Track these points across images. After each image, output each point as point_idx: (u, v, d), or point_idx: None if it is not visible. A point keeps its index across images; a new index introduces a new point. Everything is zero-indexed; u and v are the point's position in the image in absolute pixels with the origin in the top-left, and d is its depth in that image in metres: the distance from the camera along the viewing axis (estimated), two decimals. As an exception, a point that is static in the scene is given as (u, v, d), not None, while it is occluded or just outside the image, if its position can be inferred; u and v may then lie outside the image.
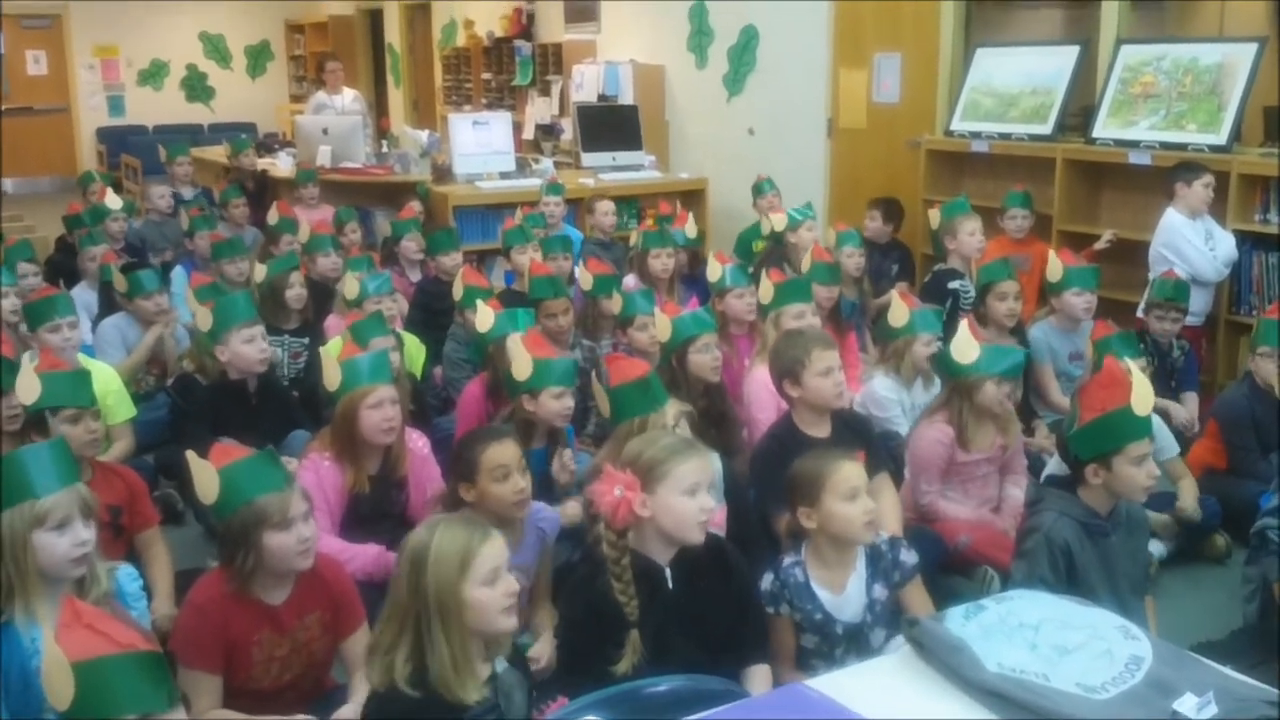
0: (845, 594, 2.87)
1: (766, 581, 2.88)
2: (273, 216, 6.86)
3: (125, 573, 2.81)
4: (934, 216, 6.02)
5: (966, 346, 3.82)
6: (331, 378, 3.62)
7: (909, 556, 2.96)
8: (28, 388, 3.47)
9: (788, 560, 2.89)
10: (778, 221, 6.27)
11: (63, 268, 6.90)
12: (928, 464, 3.88)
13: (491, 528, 2.35)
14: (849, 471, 2.83)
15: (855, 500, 2.80)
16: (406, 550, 2.31)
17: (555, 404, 3.79)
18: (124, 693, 1.95)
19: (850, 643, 2.86)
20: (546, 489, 3.73)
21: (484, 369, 4.42)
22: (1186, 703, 1.80)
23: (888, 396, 4.38)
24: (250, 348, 4.35)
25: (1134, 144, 6.06)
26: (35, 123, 15.49)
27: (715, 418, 4.09)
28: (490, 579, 2.26)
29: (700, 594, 2.75)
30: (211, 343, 4.41)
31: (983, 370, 3.79)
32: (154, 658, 2.02)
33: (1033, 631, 2.00)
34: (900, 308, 4.39)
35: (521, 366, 3.79)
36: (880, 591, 2.90)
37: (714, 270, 5.03)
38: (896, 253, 6.82)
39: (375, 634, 2.33)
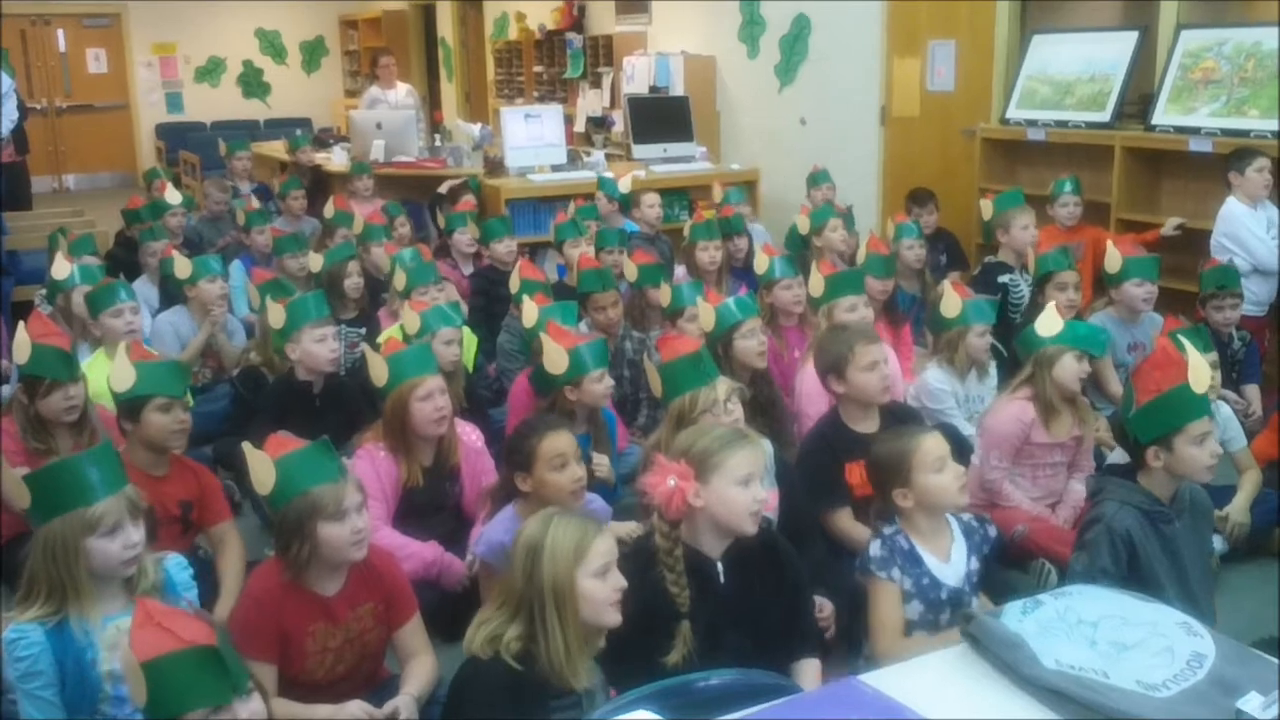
0: (951, 560, 2.86)
1: (875, 548, 2.85)
2: (329, 211, 6.93)
3: (175, 562, 2.84)
4: (986, 207, 5.95)
5: (1050, 320, 3.87)
6: (378, 374, 3.64)
7: (992, 530, 3.00)
8: (123, 376, 3.53)
9: (889, 529, 2.87)
10: (802, 224, 6.23)
11: (122, 262, 7.00)
12: (1002, 439, 3.87)
13: (603, 524, 2.42)
14: (932, 443, 2.83)
15: (945, 469, 2.81)
16: (521, 541, 2.37)
17: (598, 386, 3.86)
18: (188, 689, 2.00)
19: (954, 610, 2.84)
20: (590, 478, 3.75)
21: (531, 362, 4.44)
22: (1251, 701, 1.76)
23: (941, 388, 4.35)
24: (322, 347, 4.39)
25: (1194, 131, 5.95)
26: (96, 120, 15.74)
27: (764, 404, 4.07)
28: (602, 572, 2.34)
29: (752, 588, 2.74)
30: (282, 340, 4.44)
31: (1067, 343, 3.83)
32: (213, 652, 2.04)
33: (1091, 628, 1.96)
34: (953, 298, 4.36)
35: (557, 361, 3.81)
36: (975, 564, 2.90)
37: (761, 262, 5.01)
38: (942, 243, 6.74)
39: (488, 607, 2.40)
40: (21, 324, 3.91)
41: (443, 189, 7.76)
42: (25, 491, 2.60)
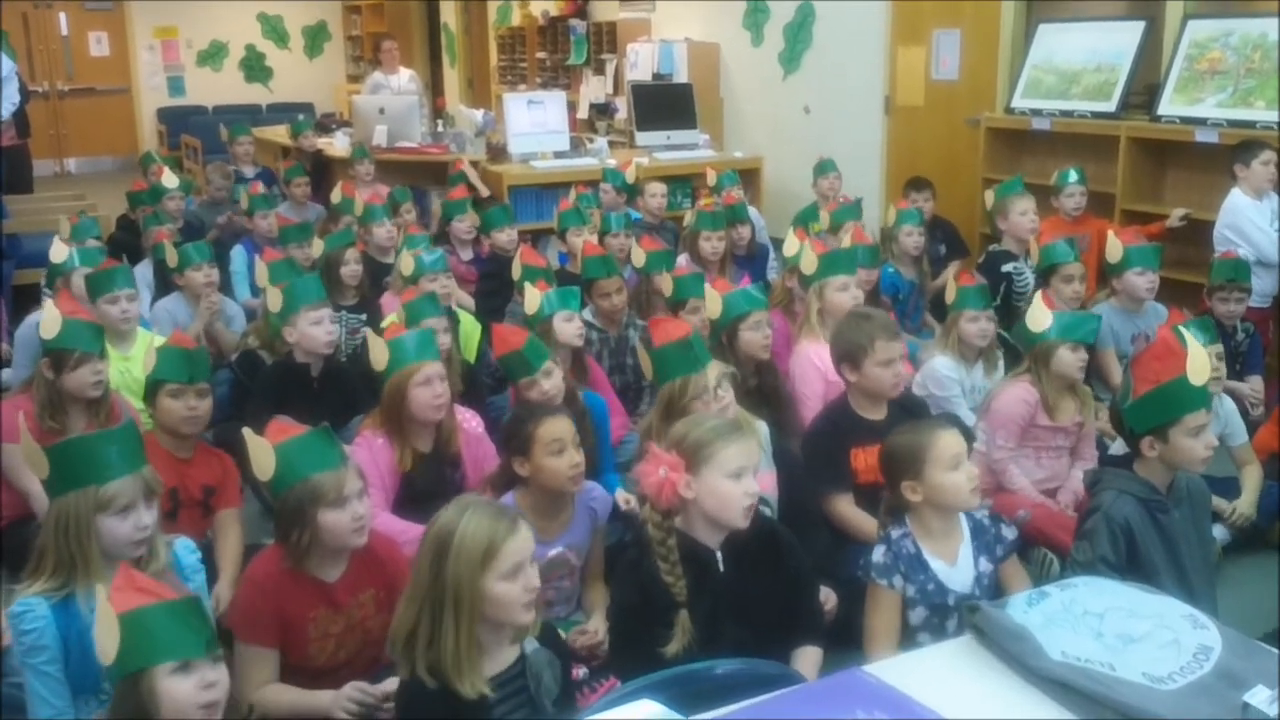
0: (958, 564, 2.82)
1: (878, 554, 2.80)
2: (336, 196, 6.92)
3: (183, 544, 2.84)
4: (989, 197, 5.95)
5: (1040, 315, 3.89)
6: (379, 358, 3.63)
7: (1009, 532, 2.93)
8: (148, 361, 3.62)
9: (896, 532, 2.83)
10: (823, 219, 6.21)
11: (124, 245, 6.98)
12: (1008, 420, 3.90)
13: (520, 519, 2.31)
14: (949, 440, 2.78)
15: (959, 468, 2.76)
16: (432, 530, 2.27)
17: (546, 382, 3.76)
18: (161, 639, 2.03)
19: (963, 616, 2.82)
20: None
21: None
22: (1258, 695, 1.74)
23: (948, 376, 4.35)
24: (318, 329, 4.38)
25: (1200, 121, 5.93)
26: (97, 103, 15.70)
27: (768, 394, 4.08)
28: (513, 573, 2.22)
29: (751, 577, 2.73)
30: (280, 323, 4.44)
31: (1056, 337, 3.87)
32: (192, 604, 2.10)
33: (1097, 619, 1.95)
34: (953, 286, 4.42)
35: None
36: (985, 565, 2.85)
37: (791, 245, 5.00)
38: (940, 231, 6.72)
39: (395, 619, 2.30)
40: (50, 302, 3.94)
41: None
42: (44, 461, 2.60)
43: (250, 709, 2.33)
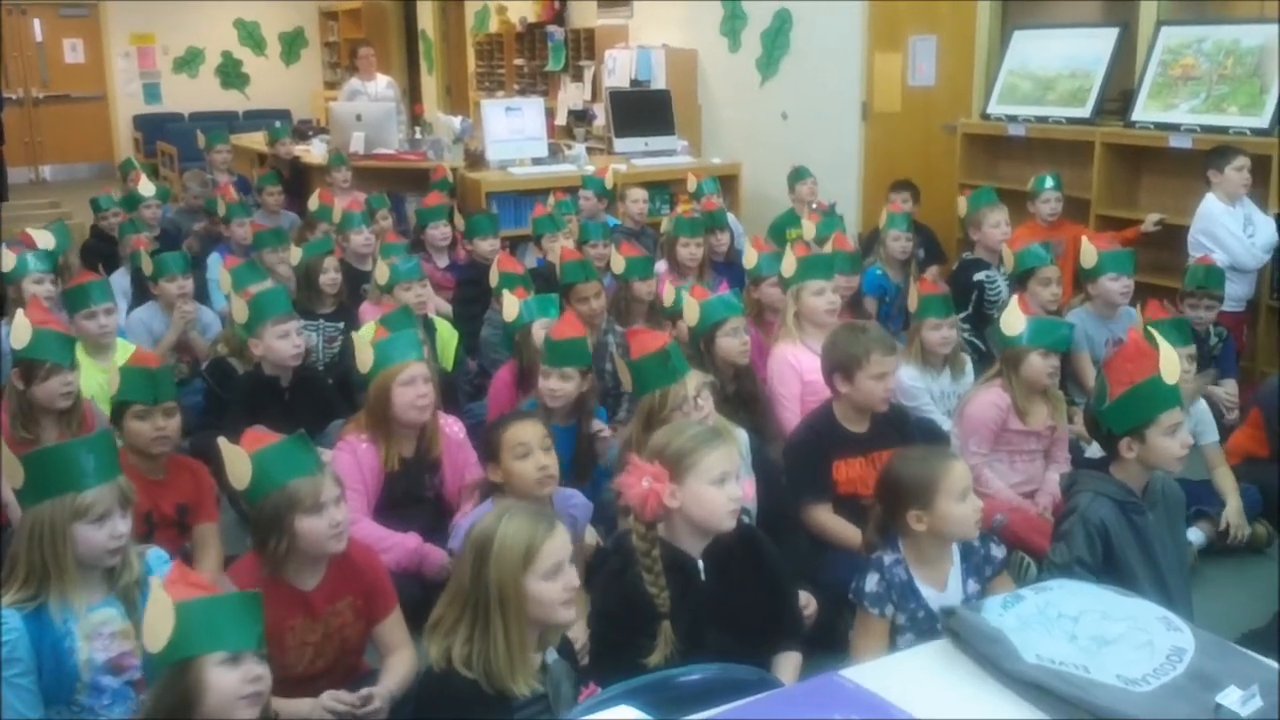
0: (947, 589, 2.79)
1: (871, 582, 2.76)
2: (313, 204, 6.89)
3: (155, 555, 2.82)
4: (962, 204, 5.97)
5: (1013, 319, 3.90)
6: (364, 360, 3.63)
7: (998, 551, 2.91)
8: (113, 381, 3.56)
9: (889, 559, 2.79)
10: (808, 230, 6.24)
11: (99, 252, 6.95)
12: (980, 425, 3.93)
13: (557, 521, 2.36)
14: (960, 471, 2.75)
15: (967, 499, 2.73)
16: (472, 537, 2.32)
17: (556, 383, 3.80)
18: (217, 630, 2.08)
19: None
20: (574, 470, 3.73)
21: (513, 356, 4.43)
22: (1230, 696, 1.76)
23: (914, 385, 4.37)
24: (284, 343, 4.35)
25: (1174, 127, 5.97)
26: (73, 111, 15.61)
27: (746, 400, 4.09)
28: (552, 572, 2.27)
29: (733, 585, 2.73)
30: (247, 334, 4.42)
31: (1027, 342, 3.88)
32: (249, 599, 2.17)
33: (1072, 622, 1.96)
34: (914, 295, 4.44)
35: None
36: (973, 587, 2.82)
37: (750, 257, 5.01)
38: (919, 236, 6.74)
39: (436, 612, 2.35)
40: (20, 310, 3.89)
41: None
42: (19, 470, 2.58)
43: (276, 714, 2.34)
